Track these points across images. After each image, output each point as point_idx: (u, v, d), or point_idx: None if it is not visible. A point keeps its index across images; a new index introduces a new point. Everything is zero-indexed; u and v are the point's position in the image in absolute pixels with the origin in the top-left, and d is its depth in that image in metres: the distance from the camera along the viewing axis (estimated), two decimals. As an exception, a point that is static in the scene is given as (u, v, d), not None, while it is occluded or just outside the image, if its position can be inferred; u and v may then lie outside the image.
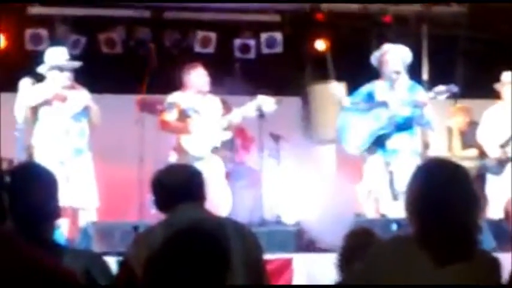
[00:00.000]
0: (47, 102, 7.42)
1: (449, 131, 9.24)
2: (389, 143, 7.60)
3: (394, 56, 7.68)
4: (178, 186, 3.60)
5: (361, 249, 3.73)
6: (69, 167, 7.37)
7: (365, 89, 7.80)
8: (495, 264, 2.83)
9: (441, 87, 7.46)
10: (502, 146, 7.82)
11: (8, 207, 2.62)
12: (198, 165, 6.86)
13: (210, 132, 7.90)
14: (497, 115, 7.94)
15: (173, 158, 7.85)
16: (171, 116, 7.87)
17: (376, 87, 7.75)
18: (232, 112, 7.99)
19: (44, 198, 2.97)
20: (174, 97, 7.96)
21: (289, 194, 9.20)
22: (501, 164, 7.85)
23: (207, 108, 7.98)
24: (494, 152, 7.92)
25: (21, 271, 1.82)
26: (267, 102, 7.83)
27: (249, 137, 9.07)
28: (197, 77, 7.93)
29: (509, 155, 7.81)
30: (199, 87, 7.93)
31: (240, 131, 9.09)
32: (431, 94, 7.52)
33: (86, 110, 7.53)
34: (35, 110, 7.45)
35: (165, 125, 7.90)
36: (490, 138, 7.99)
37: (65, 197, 6.68)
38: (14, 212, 2.85)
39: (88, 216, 7.41)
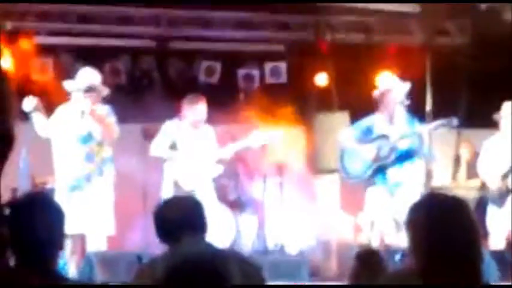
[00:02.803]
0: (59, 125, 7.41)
1: (457, 160, 9.26)
2: (391, 176, 7.63)
3: (397, 94, 7.74)
4: (180, 219, 3.62)
5: (366, 268, 3.77)
6: (78, 194, 7.30)
7: (365, 122, 7.85)
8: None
9: (441, 121, 7.51)
10: (503, 178, 7.81)
11: (9, 240, 2.64)
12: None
13: (199, 164, 7.85)
14: (497, 146, 7.94)
15: (166, 187, 7.79)
16: (161, 144, 7.84)
17: (376, 120, 7.81)
18: (225, 147, 7.95)
19: (49, 230, 2.96)
20: (169, 125, 7.93)
21: (292, 223, 9.21)
22: (502, 195, 7.84)
23: (200, 140, 7.92)
24: (494, 183, 7.91)
25: None
26: (260, 139, 7.85)
27: (252, 166, 9.10)
28: (196, 111, 7.86)
29: (510, 186, 7.79)
30: (194, 121, 7.88)
31: (243, 160, 9.13)
32: (431, 126, 7.56)
33: (91, 134, 7.45)
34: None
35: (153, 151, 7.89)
36: (489, 169, 7.99)
37: (74, 224, 6.74)
38: (17, 243, 2.87)
39: (96, 244, 7.32)
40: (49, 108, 7.66)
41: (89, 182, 7.35)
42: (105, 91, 7.54)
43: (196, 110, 7.88)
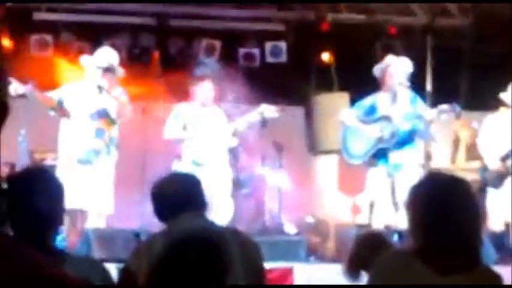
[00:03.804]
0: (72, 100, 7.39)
1: (456, 141, 9.23)
2: (392, 157, 7.60)
3: (397, 68, 7.68)
4: (178, 196, 3.60)
5: (372, 253, 3.76)
6: (86, 168, 7.30)
7: (367, 101, 7.80)
8: (497, 280, 2.83)
9: (444, 106, 7.47)
10: (503, 160, 7.77)
11: (8, 212, 2.62)
12: (203, 172, 6.97)
13: (215, 139, 7.89)
14: (499, 124, 7.85)
15: (176, 166, 7.82)
16: (174, 127, 7.85)
17: (379, 99, 7.75)
18: (236, 120, 7.99)
19: (48, 204, 2.95)
20: (179, 108, 7.96)
21: (290, 203, 9.20)
22: (500, 177, 7.80)
23: (211, 119, 7.95)
24: (493, 164, 7.85)
25: (28, 280, 1.81)
26: (269, 110, 7.86)
27: (252, 145, 9.08)
28: (203, 91, 7.91)
29: (510, 167, 7.73)
30: (204, 100, 7.92)
31: (242, 140, 9.10)
32: (434, 112, 7.52)
33: (106, 110, 7.44)
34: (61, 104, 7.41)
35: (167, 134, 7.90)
36: (490, 148, 7.92)
37: (75, 199, 6.75)
38: (15, 217, 2.86)
39: (96, 221, 7.34)
40: (48, 84, 7.63)
41: (97, 157, 7.35)
42: (121, 72, 7.53)
43: (204, 88, 7.90)
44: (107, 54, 7.55)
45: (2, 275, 1.78)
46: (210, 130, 7.89)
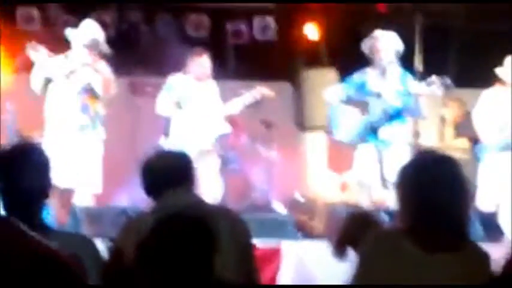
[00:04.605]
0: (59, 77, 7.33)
1: (442, 120, 9.24)
2: (381, 133, 7.58)
3: (386, 43, 7.64)
4: (167, 172, 3.59)
5: (361, 231, 3.77)
6: (74, 144, 7.25)
7: (357, 77, 7.76)
8: (485, 259, 2.85)
9: (434, 79, 7.42)
10: (500, 132, 7.66)
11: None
12: (190, 150, 6.93)
13: (207, 123, 7.81)
14: (496, 99, 7.78)
15: (164, 142, 7.77)
16: (167, 102, 7.77)
17: (368, 76, 7.71)
18: (232, 101, 7.89)
19: (34, 178, 2.93)
20: (173, 79, 7.84)
21: (278, 180, 9.21)
22: (499, 149, 7.70)
23: (206, 95, 7.85)
24: (489, 138, 7.77)
25: (23, 257, 1.80)
26: (265, 92, 7.81)
27: (240, 122, 9.07)
28: (199, 65, 7.79)
29: (509, 141, 7.62)
30: (199, 75, 7.81)
31: (230, 117, 9.08)
32: (423, 85, 7.49)
33: (91, 85, 7.36)
34: (49, 81, 7.34)
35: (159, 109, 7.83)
36: (487, 125, 7.84)
37: (63, 177, 6.72)
38: (2, 192, 2.84)
39: (84, 199, 7.29)
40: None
41: (83, 133, 7.31)
42: (106, 47, 7.46)
43: (201, 63, 7.80)
44: (91, 29, 7.46)
45: None
46: (203, 107, 7.78)
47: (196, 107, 7.75)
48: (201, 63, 7.80)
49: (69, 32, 7.50)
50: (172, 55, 8.12)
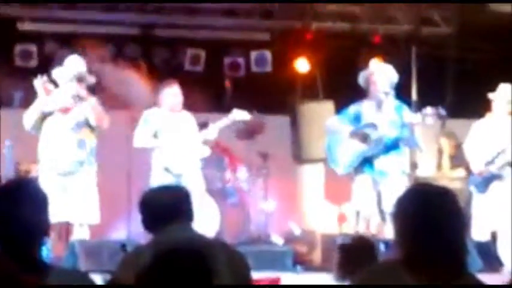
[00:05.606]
0: (53, 112, 7.34)
1: (440, 151, 9.27)
2: (378, 164, 7.60)
3: (381, 76, 7.69)
4: (166, 208, 3.60)
5: (359, 258, 3.77)
6: (70, 180, 7.25)
7: (352, 109, 7.80)
8: (480, 288, 2.85)
9: (429, 110, 7.46)
10: (488, 164, 7.75)
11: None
12: (175, 180, 6.93)
13: (187, 149, 7.83)
14: (486, 128, 7.84)
15: (155, 174, 7.74)
16: (144, 134, 7.78)
17: (364, 108, 7.75)
18: (208, 128, 7.93)
19: (32, 216, 2.92)
20: (148, 113, 7.84)
21: (276, 213, 9.21)
22: (486, 181, 7.78)
23: (181, 124, 7.85)
24: (478, 168, 7.84)
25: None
26: (241, 115, 7.86)
27: (237, 156, 9.09)
28: (170, 95, 7.80)
29: (495, 172, 7.71)
30: (172, 106, 7.82)
31: (227, 150, 9.11)
32: (419, 116, 7.53)
33: (87, 121, 7.38)
34: (43, 117, 7.35)
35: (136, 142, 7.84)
36: (476, 154, 7.90)
37: (60, 212, 6.72)
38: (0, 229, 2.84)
39: (81, 233, 7.29)
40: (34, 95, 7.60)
41: (81, 168, 7.31)
42: (92, 80, 7.50)
43: (172, 93, 7.82)
44: (75, 63, 7.48)
45: None
46: (180, 136, 7.77)
47: (174, 138, 7.75)
48: (173, 93, 7.83)
49: (56, 71, 7.50)
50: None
